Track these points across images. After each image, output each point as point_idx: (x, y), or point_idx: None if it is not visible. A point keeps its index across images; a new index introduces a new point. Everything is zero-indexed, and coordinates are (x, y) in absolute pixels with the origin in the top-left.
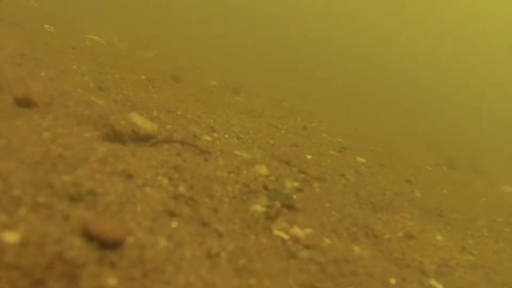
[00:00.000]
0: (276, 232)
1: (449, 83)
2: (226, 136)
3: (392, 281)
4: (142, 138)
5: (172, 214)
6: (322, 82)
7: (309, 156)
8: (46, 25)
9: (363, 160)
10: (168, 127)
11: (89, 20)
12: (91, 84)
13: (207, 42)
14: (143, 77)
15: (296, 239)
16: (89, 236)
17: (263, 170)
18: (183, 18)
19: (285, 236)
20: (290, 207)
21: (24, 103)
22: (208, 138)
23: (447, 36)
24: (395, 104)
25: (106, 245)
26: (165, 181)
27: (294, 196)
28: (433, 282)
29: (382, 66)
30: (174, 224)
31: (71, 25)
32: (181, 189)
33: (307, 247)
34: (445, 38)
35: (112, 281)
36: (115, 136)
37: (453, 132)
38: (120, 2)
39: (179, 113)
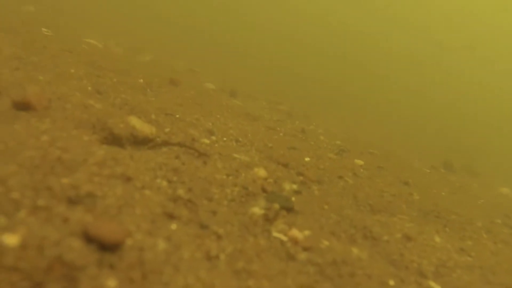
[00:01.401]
0: (275, 234)
1: (445, 90)
2: (224, 139)
3: (391, 282)
4: (140, 141)
5: (171, 216)
6: (316, 85)
7: (307, 159)
8: (43, 29)
9: (361, 162)
10: (167, 130)
11: (86, 24)
12: (89, 88)
13: (202, 45)
14: (141, 80)
15: (294, 241)
16: (88, 239)
17: (261, 172)
18: (176, 22)
19: (284, 238)
20: (288, 209)
21: (22, 106)
22: (206, 141)
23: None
24: (389, 108)
25: (105, 247)
26: (164, 183)
27: (293, 199)
28: (431, 283)
29: (375, 72)
30: (173, 226)
31: (68, 29)
32: (180, 191)
33: (305, 249)
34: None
35: (111, 283)
36: (113, 139)
37: (447, 136)
38: (116, 7)
39: (177, 116)
